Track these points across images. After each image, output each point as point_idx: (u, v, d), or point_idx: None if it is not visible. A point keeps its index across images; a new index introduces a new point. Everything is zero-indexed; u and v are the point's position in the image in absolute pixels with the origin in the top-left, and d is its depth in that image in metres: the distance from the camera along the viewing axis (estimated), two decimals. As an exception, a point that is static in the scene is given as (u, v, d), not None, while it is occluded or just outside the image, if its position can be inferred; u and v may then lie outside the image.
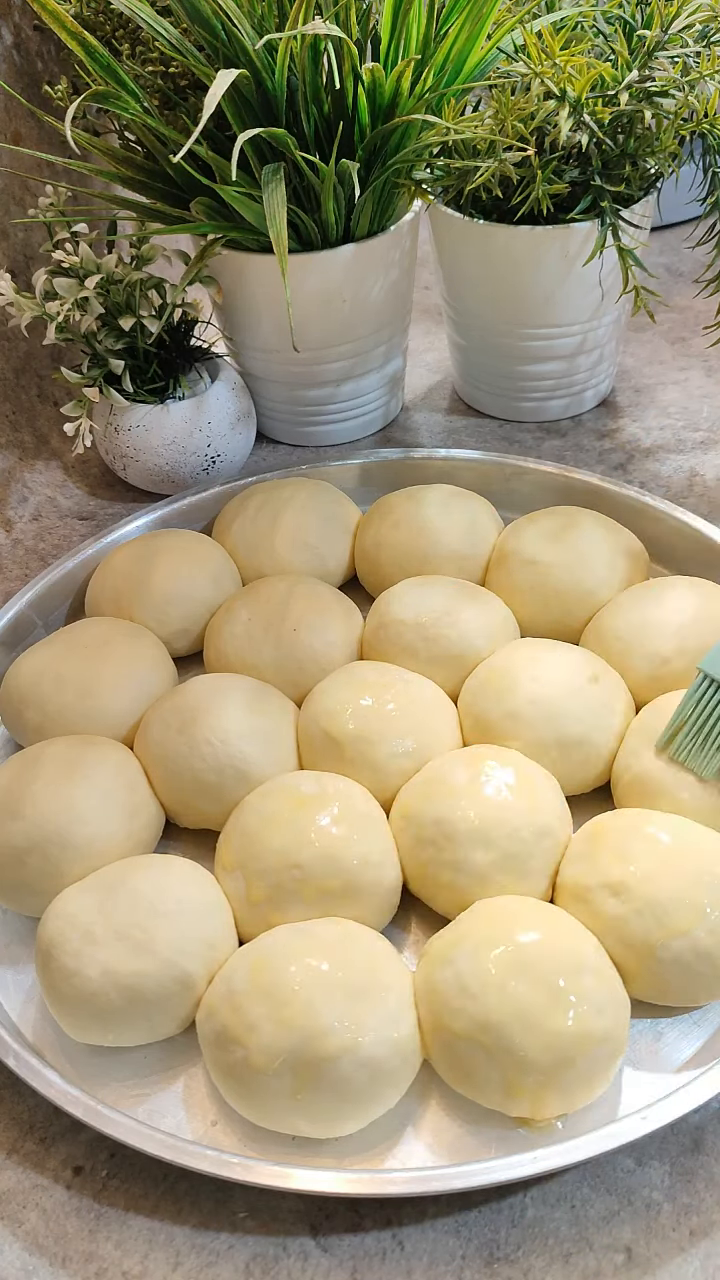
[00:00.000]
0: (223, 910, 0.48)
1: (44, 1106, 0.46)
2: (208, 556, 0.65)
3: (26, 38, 0.76)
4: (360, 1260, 0.41)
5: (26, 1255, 0.41)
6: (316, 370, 0.74)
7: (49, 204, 0.70)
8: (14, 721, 0.58)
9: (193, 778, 0.53)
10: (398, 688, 0.55)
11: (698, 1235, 0.41)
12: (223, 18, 0.59)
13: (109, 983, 0.44)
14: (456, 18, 0.63)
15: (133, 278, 0.68)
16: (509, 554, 0.63)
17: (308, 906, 0.47)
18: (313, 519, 0.66)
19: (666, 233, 1.00)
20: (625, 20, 0.63)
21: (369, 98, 0.62)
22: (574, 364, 0.76)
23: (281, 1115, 0.42)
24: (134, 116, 0.63)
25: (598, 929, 0.46)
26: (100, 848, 0.50)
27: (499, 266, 0.71)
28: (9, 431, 0.78)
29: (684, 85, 0.60)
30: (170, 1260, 0.41)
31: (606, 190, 0.65)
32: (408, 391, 0.85)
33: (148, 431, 0.72)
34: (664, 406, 0.81)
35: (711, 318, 0.75)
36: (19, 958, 0.51)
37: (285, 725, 0.56)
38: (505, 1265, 0.40)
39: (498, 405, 0.81)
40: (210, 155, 0.62)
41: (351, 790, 0.51)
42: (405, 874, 0.50)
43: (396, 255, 0.71)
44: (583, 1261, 0.40)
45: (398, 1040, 0.43)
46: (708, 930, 0.44)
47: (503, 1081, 0.41)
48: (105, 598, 0.64)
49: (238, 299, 0.72)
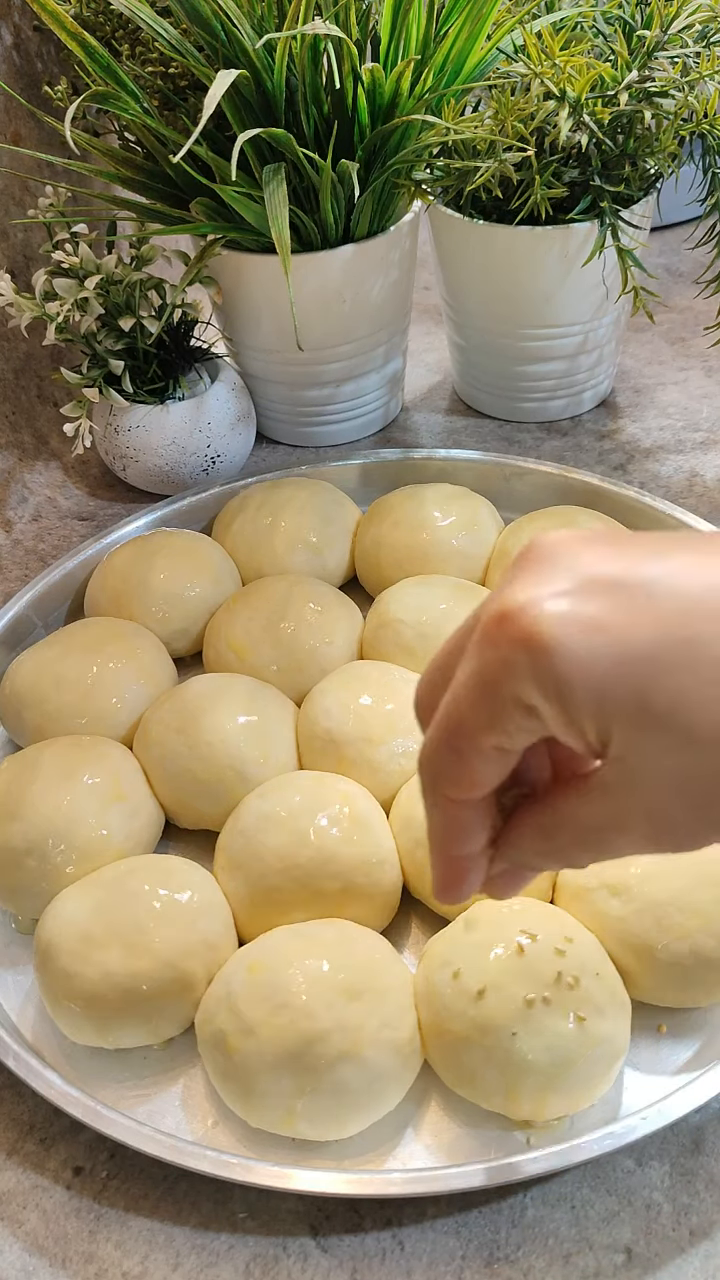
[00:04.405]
0: (222, 911, 0.48)
1: (44, 1107, 0.46)
2: (208, 556, 0.65)
3: (26, 38, 0.76)
4: (360, 1260, 0.41)
5: (26, 1256, 0.41)
6: (316, 370, 0.74)
7: (49, 204, 0.70)
8: (13, 722, 0.58)
9: (192, 778, 0.53)
10: (398, 688, 0.55)
11: (698, 1235, 0.41)
12: (222, 18, 0.59)
13: (108, 984, 0.44)
14: (456, 18, 0.63)
15: (132, 278, 0.68)
16: (509, 554, 0.63)
17: (307, 907, 0.47)
18: (313, 519, 0.66)
19: (666, 233, 1.00)
20: (625, 20, 0.63)
21: (369, 98, 0.62)
22: (574, 364, 0.76)
23: (281, 1118, 0.42)
24: (134, 117, 0.63)
25: (598, 930, 0.46)
26: (99, 848, 0.50)
27: (499, 267, 0.71)
28: (9, 432, 0.77)
29: (684, 85, 0.60)
30: (170, 1261, 0.41)
31: (606, 190, 0.65)
32: (408, 392, 0.85)
33: (147, 432, 0.72)
34: (664, 407, 0.81)
35: (711, 318, 0.75)
36: (18, 959, 0.51)
37: (285, 725, 0.56)
38: (505, 1265, 0.40)
39: (497, 405, 0.81)
40: (210, 155, 0.62)
41: (351, 790, 0.51)
42: (405, 874, 0.50)
43: (396, 256, 0.71)
44: (583, 1262, 0.40)
45: (398, 1042, 0.42)
46: (708, 931, 0.44)
47: (503, 1083, 0.41)
48: (105, 598, 0.64)
49: (237, 299, 0.72)
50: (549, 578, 0.26)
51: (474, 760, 0.28)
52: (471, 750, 0.28)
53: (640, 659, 0.25)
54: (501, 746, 0.28)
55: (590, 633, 0.25)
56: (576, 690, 0.25)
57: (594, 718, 0.26)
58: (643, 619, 0.25)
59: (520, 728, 0.27)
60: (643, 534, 0.28)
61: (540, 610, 0.26)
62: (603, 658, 0.25)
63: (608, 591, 0.26)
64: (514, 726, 0.27)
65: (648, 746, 0.26)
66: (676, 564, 0.26)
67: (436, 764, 0.29)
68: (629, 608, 0.25)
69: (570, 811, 0.29)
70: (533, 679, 0.26)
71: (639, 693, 0.25)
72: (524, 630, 0.26)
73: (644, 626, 0.25)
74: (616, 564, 0.26)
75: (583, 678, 0.25)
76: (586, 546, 0.27)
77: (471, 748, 0.28)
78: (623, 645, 0.25)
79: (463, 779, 0.29)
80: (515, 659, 0.26)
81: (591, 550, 0.27)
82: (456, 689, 0.28)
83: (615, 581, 0.26)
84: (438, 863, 0.32)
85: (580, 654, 0.25)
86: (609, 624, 0.25)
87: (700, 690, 0.25)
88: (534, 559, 0.27)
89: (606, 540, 0.27)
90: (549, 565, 0.27)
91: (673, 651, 0.25)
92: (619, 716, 0.25)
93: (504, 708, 0.27)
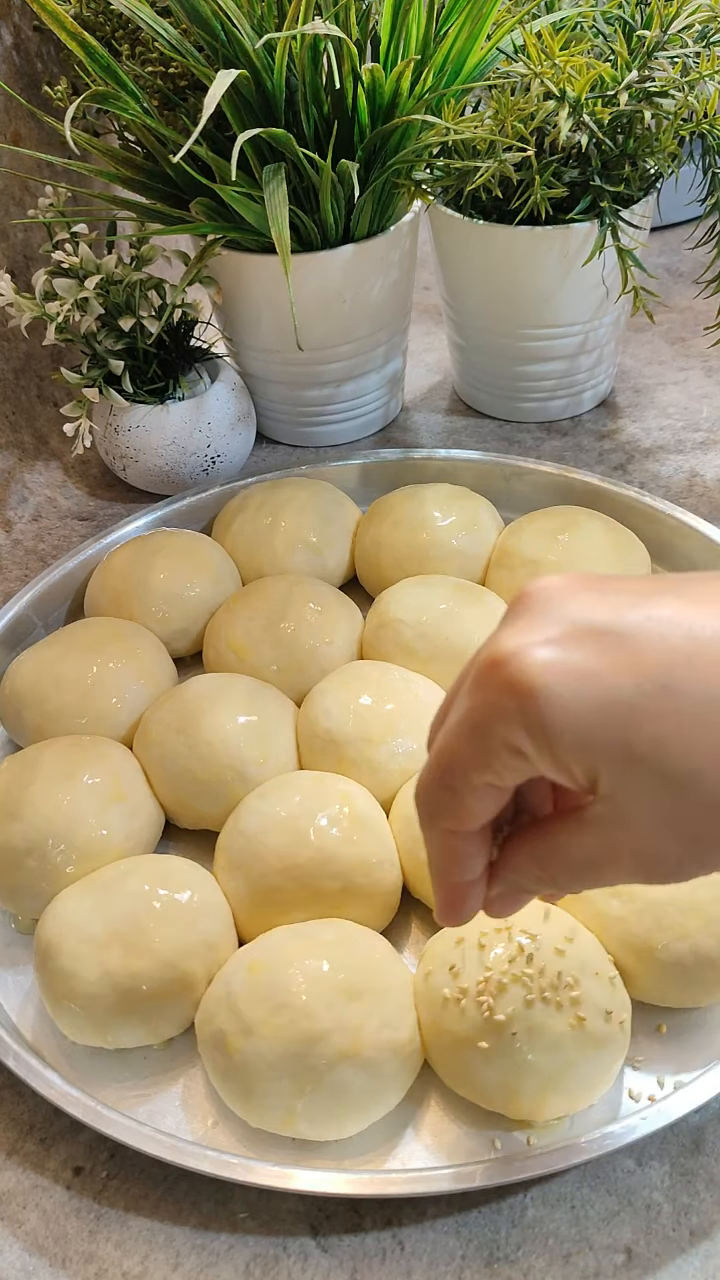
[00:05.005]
0: (222, 911, 0.48)
1: (44, 1107, 0.46)
2: (208, 556, 0.65)
3: (26, 38, 0.76)
4: (360, 1260, 0.41)
5: (26, 1256, 0.41)
6: (316, 370, 0.74)
7: (49, 204, 0.70)
8: (13, 722, 0.58)
9: (192, 778, 0.53)
10: (398, 688, 0.55)
11: (698, 1235, 0.41)
12: (222, 18, 0.59)
13: (108, 984, 0.44)
14: (456, 18, 0.63)
15: (132, 278, 0.68)
16: (509, 554, 0.63)
17: (307, 907, 0.47)
18: (313, 519, 0.66)
19: (666, 233, 1.00)
20: (625, 20, 0.63)
21: (369, 98, 0.62)
22: (574, 364, 0.76)
23: (281, 1118, 0.42)
24: (134, 117, 0.63)
25: (598, 930, 0.46)
26: (99, 848, 0.50)
27: (499, 267, 0.71)
28: (9, 432, 0.77)
29: (684, 85, 0.60)
30: (170, 1261, 0.41)
31: (606, 190, 0.65)
32: (408, 391, 0.85)
33: (147, 432, 0.72)
34: (664, 407, 0.81)
35: (711, 318, 0.75)
36: (18, 959, 0.51)
37: (285, 725, 0.56)
38: (505, 1265, 0.40)
39: (497, 405, 0.81)
40: (210, 155, 0.62)
41: (351, 790, 0.51)
42: (405, 874, 0.50)
43: (396, 256, 0.71)
44: (583, 1262, 0.40)
45: (398, 1043, 0.42)
46: (708, 931, 0.44)
47: (503, 1083, 0.41)
48: (105, 598, 0.64)
49: (237, 299, 0.72)
50: (539, 625, 0.28)
51: (466, 796, 0.30)
52: (464, 787, 0.29)
53: (622, 704, 0.26)
54: (492, 784, 0.29)
55: (576, 679, 0.26)
56: (562, 735, 0.27)
57: (580, 760, 0.27)
58: (626, 666, 0.26)
59: (509, 767, 0.28)
60: (633, 579, 0.29)
61: (528, 658, 0.27)
62: (587, 703, 0.26)
63: (594, 639, 0.27)
64: (503, 766, 0.28)
65: (633, 787, 0.27)
66: (661, 611, 0.27)
67: (432, 799, 0.31)
68: (614, 655, 0.27)
69: (564, 842, 0.30)
70: (520, 723, 0.27)
71: (622, 737, 0.26)
72: (512, 677, 0.27)
73: (627, 673, 0.26)
74: (603, 611, 0.27)
75: (568, 723, 0.26)
76: (575, 594, 0.28)
77: (464, 785, 0.29)
78: (606, 691, 0.26)
79: (457, 813, 0.30)
80: (504, 704, 0.27)
81: (580, 597, 0.28)
82: (450, 728, 0.29)
83: (602, 629, 0.27)
84: (438, 889, 0.33)
85: (566, 700, 0.26)
86: (594, 671, 0.27)
87: (679, 735, 0.26)
88: (525, 606, 0.29)
89: (596, 587, 0.29)
90: (540, 612, 0.28)
91: (653, 698, 0.26)
92: (604, 759, 0.27)
93: (493, 749, 0.28)
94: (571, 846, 0.30)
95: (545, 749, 0.27)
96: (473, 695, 0.28)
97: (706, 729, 0.26)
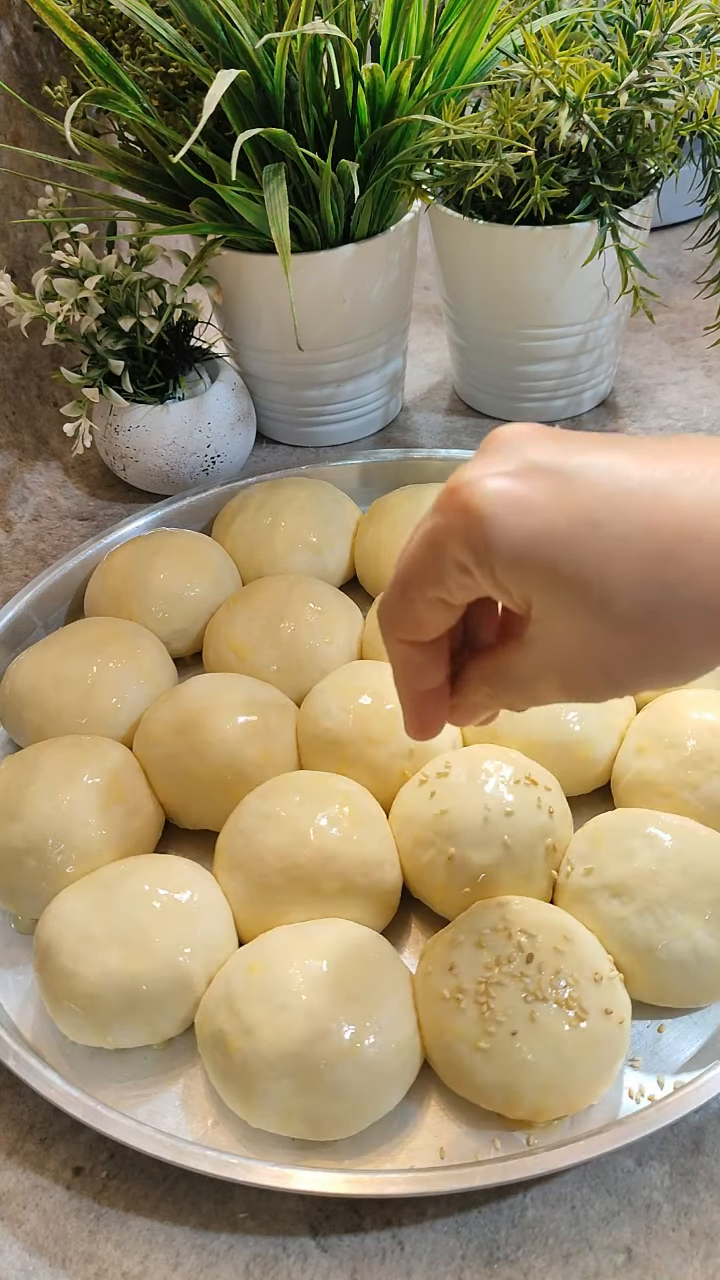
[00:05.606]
0: (222, 911, 0.48)
1: (44, 1107, 0.46)
2: (208, 556, 0.65)
3: (26, 38, 0.76)
4: (360, 1260, 0.41)
5: (26, 1256, 0.41)
6: (316, 370, 0.74)
7: (49, 204, 0.70)
8: (13, 722, 0.58)
9: (192, 778, 0.53)
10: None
11: (698, 1235, 0.41)
12: (222, 18, 0.59)
13: (108, 984, 0.44)
14: (456, 18, 0.63)
15: (132, 278, 0.68)
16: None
17: (307, 907, 0.47)
18: (313, 519, 0.66)
19: (666, 233, 1.00)
20: (625, 20, 0.63)
21: (369, 98, 0.62)
22: (574, 364, 0.76)
23: (281, 1118, 0.42)
24: (134, 117, 0.63)
25: (598, 930, 0.46)
26: (99, 848, 0.50)
27: (499, 267, 0.70)
28: (9, 432, 0.78)
29: (684, 85, 0.60)
30: (170, 1261, 0.41)
31: (606, 190, 0.65)
32: (408, 391, 0.85)
33: (147, 432, 0.72)
34: (664, 407, 0.81)
35: (711, 318, 0.75)
36: (18, 959, 0.51)
37: (285, 725, 0.56)
38: (505, 1265, 0.40)
39: (498, 406, 0.81)
40: (210, 155, 0.62)
41: (351, 790, 0.51)
42: (405, 874, 0.50)
43: (396, 256, 0.71)
44: (583, 1262, 0.40)
45: (398, 1043, 0.42)
46: (708, 931, 0.44)
47: (503, 1084, 0.41)
48: (105, 598, 0.64)
49: (237, 299, 0.72)
50: (497, 460, 0.31)
51: (420, 607, 0.34)
52: (419, 599, 0.33)
53: (554, 534, 0.30)
54: (443, 599, 0.33)
55: (518, 509, 0.30)
56: (501, 555, 0.30)
57: (515, 581, 0.31)
58: (562, 502, 0.30)
59: (458, 584, 0.32)
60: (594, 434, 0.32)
61: (481, 486, 0.31)
62: (524, 531, 0.30)
63: (540, 476, 0.30)
64: (453, 582, 0.32)
65: (558, 609, 0.31)
66: (600, 460, 0.31)
67: (390, 609, 0.35)
68: (555, 492, 0.30)
69: (505, 661, 0.35)
70: (467, 543, 0.31)
71: (550, 563, 0.30)
72: (466, 501, 0.31)
73: (561, 508, 0.30)
74: (555, 454, 0.31)
75: (507, 545, 0.30)
76: (535, 438, 0.32)
77: (419, 596, 0.33)
78: (542, 521, 0.30)
79: (410, 622, 0.34)
80: (456, 524, 0.31)
81: (537, 441, 0.31)
82: (410, 546, 0.33)
83: (549, 469, 0.31)
84: (404, 700, 0.38)
85: (507, 524, 0.30)
86: (535, 503, 0.30)
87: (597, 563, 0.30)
88: (491, 445, 0.32)
89: (554, 435, 0.32)
90: (500, 450, 0.32)
91: (579, 531, 0.30)
92: (534, 581, 0.30)
93: (444, 566, 0.32)
94: (512, 665, 0.34)
95: (486, 567, 0.31)
96: (432, 517, 0.32)
97: (619, 559, 0.29)
